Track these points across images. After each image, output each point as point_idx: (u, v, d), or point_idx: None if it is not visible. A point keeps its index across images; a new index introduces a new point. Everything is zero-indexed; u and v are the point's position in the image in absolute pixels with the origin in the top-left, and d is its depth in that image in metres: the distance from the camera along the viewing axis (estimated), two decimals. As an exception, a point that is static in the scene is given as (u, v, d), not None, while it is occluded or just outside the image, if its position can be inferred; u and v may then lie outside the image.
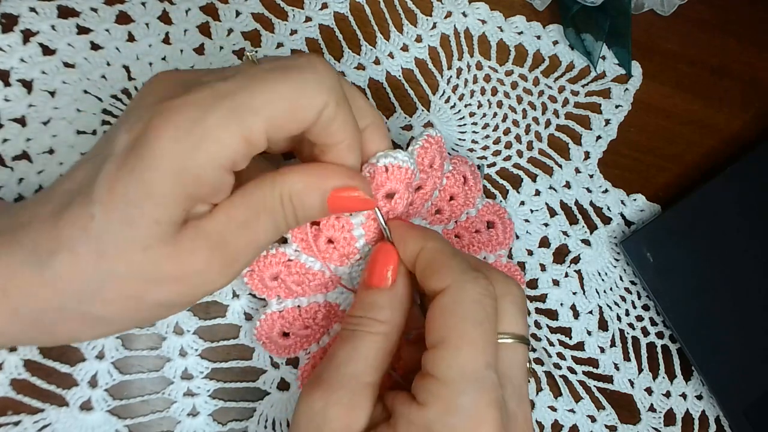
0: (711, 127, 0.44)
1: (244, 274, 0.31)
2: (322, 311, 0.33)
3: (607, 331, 0.39)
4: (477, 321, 0.24)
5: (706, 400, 0.39)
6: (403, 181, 0.29)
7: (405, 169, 0.29)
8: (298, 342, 0.33)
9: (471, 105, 0.41)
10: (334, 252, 0.30)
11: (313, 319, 0.33)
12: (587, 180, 0.41)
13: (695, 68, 0.44)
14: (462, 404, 0.23)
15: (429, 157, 0.31)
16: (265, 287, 0.31)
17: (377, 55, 0.40)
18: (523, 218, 0.40)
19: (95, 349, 0.33)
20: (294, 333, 0.33)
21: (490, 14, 0.42)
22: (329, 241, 0.29)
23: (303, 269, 0.30)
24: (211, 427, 0.33)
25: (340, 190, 0.26)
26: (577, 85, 0.42)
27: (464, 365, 0.24)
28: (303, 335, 0.33)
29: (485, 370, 0.24)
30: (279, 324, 0.32)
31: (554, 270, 0.39)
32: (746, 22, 0.46)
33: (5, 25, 0.35)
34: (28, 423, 0.31)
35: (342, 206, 0.27)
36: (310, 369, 0.33)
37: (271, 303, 0.32)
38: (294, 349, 0.33)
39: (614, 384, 0.39)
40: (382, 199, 0.29)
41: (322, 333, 0.33)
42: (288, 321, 0.32)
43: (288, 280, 0.31)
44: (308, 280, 0.31)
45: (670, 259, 0.39)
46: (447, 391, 0.24)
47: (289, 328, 0.32)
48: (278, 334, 0.32)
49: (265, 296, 0.32)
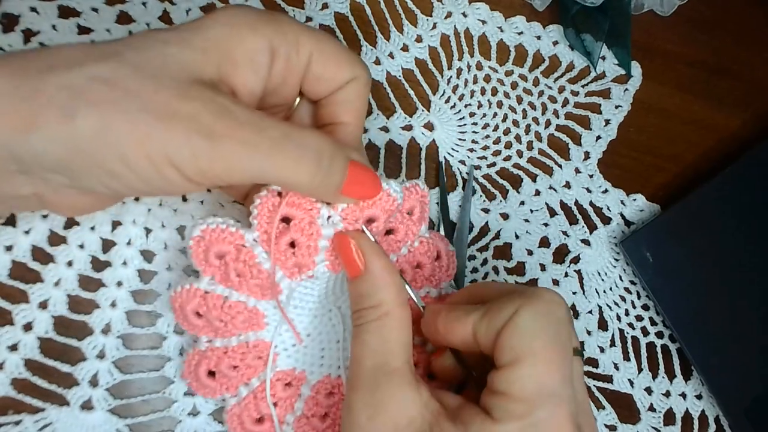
0: (710, 127, 0.44)
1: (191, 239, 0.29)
2: (253, 352, 0.31)
3: (606, 331, 0.39)
4: (550, 337, 0.25)
5: (706, 400, 0.39)
6: (387, 211, 0.29)
7: (393, 198, 0.29)
8: (224, 384, 0.31)
9: (471, 105, 0.41)
10: (291, 257, 0.29)
11: (242, 360, 0.31)
12: (587, 180, 0.41)
13: (695, 68, 0.44)
14: (540, 419, 0.23)
15: (410, 203, 0.31)
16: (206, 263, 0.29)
17: (377, 55, 0.40)
18: (523, 218, 0.40)
19: (96, 348, 0.33)
20: (221, 372, 0.31)
21: (490, 14, 0.42)
22: (291, 245, 0.29)
23: (252, 260, 0.29)
24: (211, 427, 0.33)
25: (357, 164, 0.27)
26: (577, 85, 0.42)
27: (541, 382, 0.24)
28: (231, 377, 0.31)
29: (561, 384, 0.24)
30: (205, 363, 0.30)
31: (554, 270, 0.40)
32: (746, 22, 0.46)
33: (6, 25, 0.35)
34: (29, 422, 0.31)
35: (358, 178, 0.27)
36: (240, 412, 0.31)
37: (200, 340, 0.30)
38: (218, 390, 0.31)
39: (614, 384, 0.39)
40: (363, 223, 0.29)
41: (251, 375, 0.31)
42: (253, 410, 0.31)
43: (231, 266, 0.29)
44: (250, 274, 0.29)
45: (670, 259, 0.39)
46: (524, 408, 0.24)
47: (216, 366, 0.30)
48: (204, 372, 0.31)
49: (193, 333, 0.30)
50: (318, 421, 0.32)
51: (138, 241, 0.34)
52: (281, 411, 0.32)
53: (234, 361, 0.30)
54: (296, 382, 0.32)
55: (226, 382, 0.31)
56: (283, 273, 0.30)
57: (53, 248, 0.33)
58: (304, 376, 0.32)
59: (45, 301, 0.33)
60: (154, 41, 0.23)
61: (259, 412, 0.31)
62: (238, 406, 0.31)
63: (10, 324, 0.32)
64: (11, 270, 0.32)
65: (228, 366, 0.30)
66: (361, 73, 0.29)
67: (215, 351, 0.30)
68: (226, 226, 0.28)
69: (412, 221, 0.32)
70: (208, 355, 0.30)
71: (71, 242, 0.33)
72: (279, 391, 0.31)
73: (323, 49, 0.27)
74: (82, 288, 0.33)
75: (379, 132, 0.39)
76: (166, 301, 0.34)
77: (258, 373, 0.31)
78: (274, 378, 0.31)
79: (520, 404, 0.24)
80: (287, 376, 0.32)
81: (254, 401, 0.31)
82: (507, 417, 0.24)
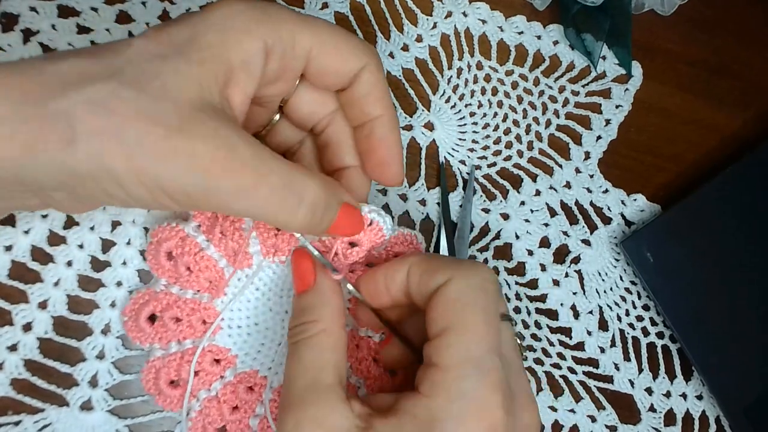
0: (711, 127, 0.44)
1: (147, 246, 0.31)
2: (200, 313, 0.32)
3: (607, 331, 0.39)
4: (479, 307, 0.25)
5: (707, 400, 0.39)
6: (372, 242, 0.30)
7: (383, 235, 0.30)
8: (159, 333, 0.31)
9: (471, 105, 0.41)
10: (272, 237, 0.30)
11: (188, 315, 0.31)
12: (587, 180, 0.41)
13: (695, 68, 0.44)
14: (465, 389, 0.23)
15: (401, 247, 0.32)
16: (159, 265, 0.31)
17: (377, 55, 0.40)
18: (524, 218, 0.40)
19: (95, 348, 0.33)
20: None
21: (490, 14, 0.42)
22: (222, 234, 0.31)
23: (197, 248, 0.30)
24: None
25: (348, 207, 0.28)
26: (578, 85, 0.42)
27: (467, 350, 0.24)
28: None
29: (487, 354, 0.24)
30: (165, 373, 0.31)
31: (554, 270, 0.39)
32: (746, 22, 0.46)
33: (6, 24, 0.35)
34: (29, 423, 0.31)
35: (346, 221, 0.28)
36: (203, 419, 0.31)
37: (158, 283, 0.31)
38: (151, 338, 0.31)
39: (614, 384, 0.39)
40: (344, 242, 0.29)
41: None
42: (173, 368, 0.31)
43: (180, 262, 0.31)
44: (198, 263, 0.31)
45: (670, 259, 0.39)
46: (449, 378, 0.24)
47: (176, 375, 0.31)
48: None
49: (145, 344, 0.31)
50: (227, 409, 0.32)
51: (137, 241, 0.34)
52: (198, 384, 0.32)
53: (180, 314, 0.31)
54: (225, 363, 0.32)
55: (161, 333, 0.31)
56: (260, 248, 0.31)
57: (53, 248, 0.33)
58: (235, 361, 0.32)
59: (44, 302, 0.32)
60: (153, 56, 0.23)
61: (178, 375, 0.31)
62: (160, 360, 0.31)
63: (9, 324, 0.32)
64: (11, 270, 0.32)
65: (171, 317, 0.31)
66: (370, 59, 0.28)
67: (168, 296, 0.31)
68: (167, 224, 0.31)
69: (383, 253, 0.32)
70: (159, 297, 0.31)
71: (71, 242, 0.33)
72: (206, 364, 0.32)
73: (323, 42, 0.27)
74: (81, 288, 0.33)
75: (379, 132, 0.39)
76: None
77: (194, 337, 0.32)
78: (207, 349, 0.32)
79: (446, 374, 0.24)
80: (220, 353, 0.32)
81: (178, 362, 0.31)
82: (434, 390, 0.24)
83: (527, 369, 0.38)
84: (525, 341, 0.38)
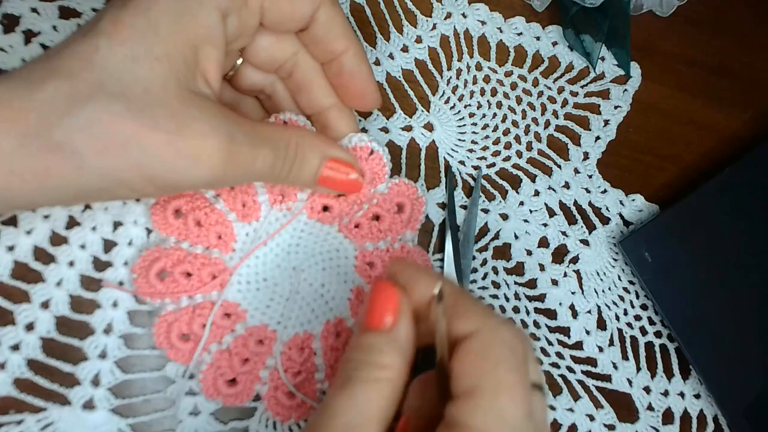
0: (710, 127, 0.44)
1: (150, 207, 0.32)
2: (210, 268, 0.32)
3: (605, 331, 0.40)
4: (512, 367, 0.23)
5: (704, 399, 0.40)
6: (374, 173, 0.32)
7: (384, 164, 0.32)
8: (170, 288, 0.32)
9: (470, 106, 0.41)
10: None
11: (198, 269, 0.32)
12: (586, 180, 0.41)
13: (694, 69, 0.44)
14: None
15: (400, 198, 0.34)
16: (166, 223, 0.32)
17: (377, 56, 0.40)
18: (522, 218, 0.40)
19: (98, 348, 0.33)
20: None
21: (489, 15, 0.42)
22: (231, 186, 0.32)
23: (206, 202, 0.32)
24: (212, 426, 0.33)
25: (337, 162, 0.29)
26: (577, 85, 0.42)
27: (504, 415, 0.22)
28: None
29: (524, 420, 0.22)
30: (176, 327, 0.31)
31: (553, 270, 0.40)
32: (745, 22, 0.46)
33: (7, 25, 0.35)
34: (31, 422, 0.32)
35: (329, 181, 0.29)
36: (214, 371, 0.32)
37: (168, 240, 0.32)
38: (163, 293, 0.32)
39: (612, 383, 0.39)
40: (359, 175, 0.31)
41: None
42: (185, 322, 0.32)
43: (190, 217, 0.31)
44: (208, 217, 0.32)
45: (669, 259, 0.39)
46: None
47: (188, 329, 0.32)
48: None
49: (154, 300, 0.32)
50: (238, 361, 0.32)
51: (139, 241, 0.34)
52: (210, 338, 0.32)
53: (190, 268, 0.32)
54: (235, 318, 0.33)
55: (172, 288, 0.32)
56: (267, 198, 0.32)
57: (55, 248, 0.33)
58: (245, 316, 0.33)
59: (47, 301, 0.33)
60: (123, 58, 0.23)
61: (190, 330, 0.32)
62: (172, 314, 0.32)
63: (12, 324, 0.32)
64: (13, 270, 0.33)
65: (182, 271, 0.32)
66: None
67: (178, 251, 0.32)
68: None
69: (401, 220, 0.34)
70: (169, 253, 0.32)
71: (73, 242, 0.33)
72: (217, 318, 0.32)
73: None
74: (83, 288, 0.33)
75: (378, 132, 0.39)
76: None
77: (205, 292, 0.32)
78: (247, 334, 0.32)
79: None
80: (231, 307, 0.33)
81: (190, 316, 0.32)
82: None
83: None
84: (524, 341, 0.38)
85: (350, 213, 0.34)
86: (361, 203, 0.34)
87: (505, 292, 0.39)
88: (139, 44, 0.23)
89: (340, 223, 0.34)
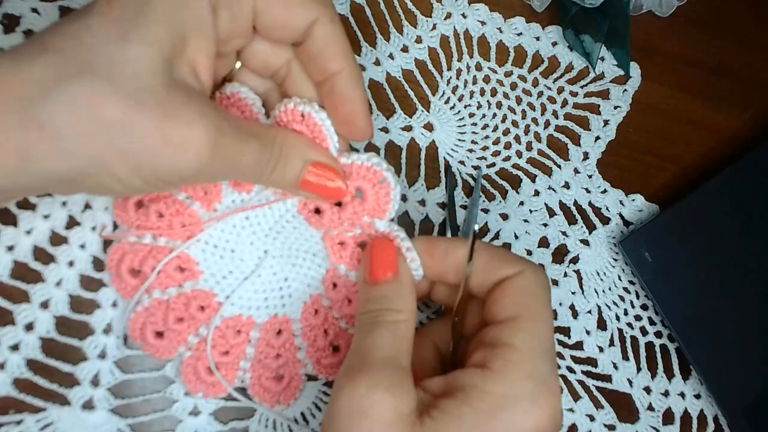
0: (710, 127, 0.44)
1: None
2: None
3: (605, 331, 0.40)
4: (547, 301, 0.28)
5: (705, 399, 0.40)
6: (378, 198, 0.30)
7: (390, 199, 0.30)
8: (173, 338, 0.32)
9: (470, 106, 0.41)
10: None
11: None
12: (586, 180, 0.41)
13: (694, 69, 0.44)
14: (541, 371, 0.26)
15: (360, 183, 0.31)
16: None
17: (377, 56, 0.40)
18: (523, 218, 0.40)
19: (97, 348, 0.33)
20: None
21: (489, 15, 0.42)
22: None
23: None
24: (212, 426, 0.33)
25: (321, 167, 0.29)
26: (576, 86, 0.42)
27: (540, 338, 0.26)
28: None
29: (552, 345, 0.27)
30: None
31: (553, 270, 0.40)
32: (745, 23, 0.46)
33: (7, 25, 0.35)
34: (31, 422, 0.32)
35: (311, 186, 0.29)
36: (144, 317, 0.31)
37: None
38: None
39: (613, 383, 0.39)
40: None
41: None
42: (138, 258, 0.31)
43: None
44: None
45: (669, 259, 0.39)
46: (527, 359, 0.26)
47: (139, 266, 0.31)
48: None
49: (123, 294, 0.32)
50: (272, 361, 0.33)
51: (139, 241, 0.34)
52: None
53: (164, 209, 0.31)
54: (245, 328, 0.33)
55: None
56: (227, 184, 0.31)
57: (54, 248, 0.33)
58: (199, 277, 0.32)
59: (46, 301, 0.33)
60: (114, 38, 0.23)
61: (140, 266, 0.31)
62: (130, 245, 0.31)
63: (11, 324, 0.32)
64: (13, 270, 0.33)
65: (156, 210, 0.31)
66: (322, 11, 0.28)
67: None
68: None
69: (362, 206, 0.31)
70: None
71: (72, 242, 0.33)
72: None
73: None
74: (83, 288, 0.33)
75: (378, 133, 0.39)
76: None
77: (170, 237, 0.31)
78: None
79: (523, 355, 0.26)
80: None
81: (145, 254, 0.31)
82: (509, 367, 0.25)
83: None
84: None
85: (339, 229, 0.32)
86: (353, 225, 0.31)
87: (505, 292, 0.39)
88: (132, 27, 0.23)
89: (326, 233, 0.32)
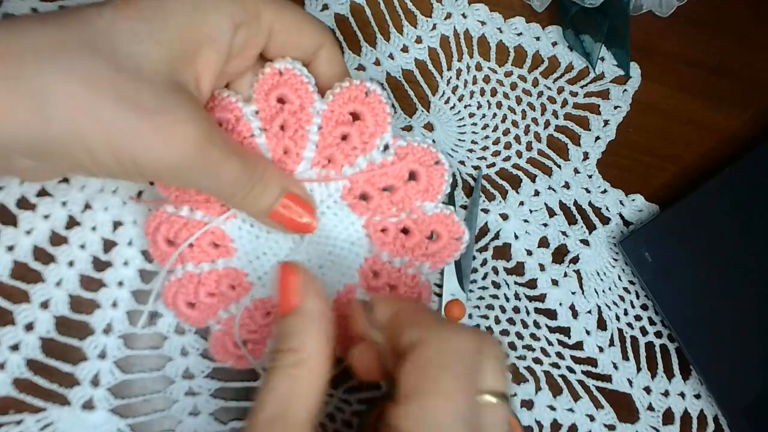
0: (710, 127, 0.44)
1: None
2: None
3: (605, 331, 0.40)
4: (454, 374, 0.22)
5: (705, 399, 0.40)
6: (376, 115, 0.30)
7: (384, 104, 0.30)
8: (204, 311, 0.32)
9: (470, 106, 0.41)
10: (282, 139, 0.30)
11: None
12: (586, 180, 0.41)
13: (694, 69, 0.44)
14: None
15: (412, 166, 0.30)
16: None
17: (377, 56, 0.40)
18: (523, 218, 0.40)
19: (97, 348, 0.33)
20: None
21: (489, 15, 0.42)
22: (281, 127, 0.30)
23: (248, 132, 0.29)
24: (212, 426, 0.34)
25: (294, 200, 0.29)
26: (576, 86, 0.42)
27: (433, 418, 0.22)
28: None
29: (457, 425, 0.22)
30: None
31: (553, 270, 0.40)
32: (745, 23, 0.46)
33: (7, 26, 0.35)
34: (31, 422, 0.32)
35: (281, 218, 0.29)
36: (176, 286, 0.32)
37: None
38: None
39: (613, 383, 0.39)
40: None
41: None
42: (175, 228, 0.31)
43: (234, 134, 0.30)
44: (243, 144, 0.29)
45: (669, 259, 0.39)
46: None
47: (174, 236, 0.31)
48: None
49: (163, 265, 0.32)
50: (203, 292, 0.32)
51: (139, 241, 0.34)
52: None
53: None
54: (223, 251, 0.32)
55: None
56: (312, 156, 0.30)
57: (54, 248, 0.33)
58: (233, 255, 0.32)
59: (46, 301, 0.33)
60: (124, 31, 0.23)
61: (176, 237, 0.31)
62: (167, 215, 0.31)
63: (11, 324, 0.32)
64: (13, 270, 0.33)
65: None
66: (327, 38, 0.29)
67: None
68: (228, 95, 0.29)
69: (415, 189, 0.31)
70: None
71: (72, 242, 0.33)
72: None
73: (284, 19, 0.28)
74: (83, 288, 0.33)
75: (378, 132, 0.39)
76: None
77: (206, 212, 0.31)
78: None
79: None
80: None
81: (180, 225, 0.31)
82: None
83: (526, 368, 0.38)
84: (524, 341, 0.38)
85: (385, 214, 0.31)
86: (403, 209, 0.31)
87: (505, 292, 0.39)
88: (145, 26, 0.23)
89: (369, 218, 0.32)
